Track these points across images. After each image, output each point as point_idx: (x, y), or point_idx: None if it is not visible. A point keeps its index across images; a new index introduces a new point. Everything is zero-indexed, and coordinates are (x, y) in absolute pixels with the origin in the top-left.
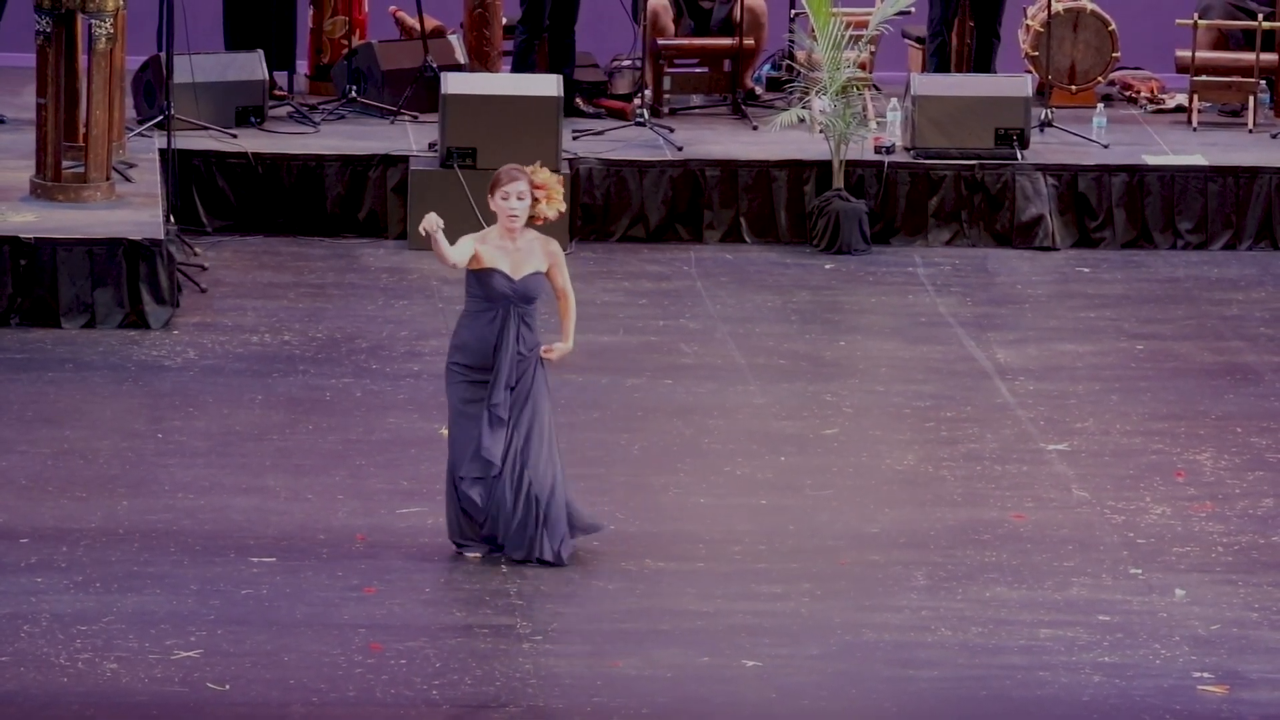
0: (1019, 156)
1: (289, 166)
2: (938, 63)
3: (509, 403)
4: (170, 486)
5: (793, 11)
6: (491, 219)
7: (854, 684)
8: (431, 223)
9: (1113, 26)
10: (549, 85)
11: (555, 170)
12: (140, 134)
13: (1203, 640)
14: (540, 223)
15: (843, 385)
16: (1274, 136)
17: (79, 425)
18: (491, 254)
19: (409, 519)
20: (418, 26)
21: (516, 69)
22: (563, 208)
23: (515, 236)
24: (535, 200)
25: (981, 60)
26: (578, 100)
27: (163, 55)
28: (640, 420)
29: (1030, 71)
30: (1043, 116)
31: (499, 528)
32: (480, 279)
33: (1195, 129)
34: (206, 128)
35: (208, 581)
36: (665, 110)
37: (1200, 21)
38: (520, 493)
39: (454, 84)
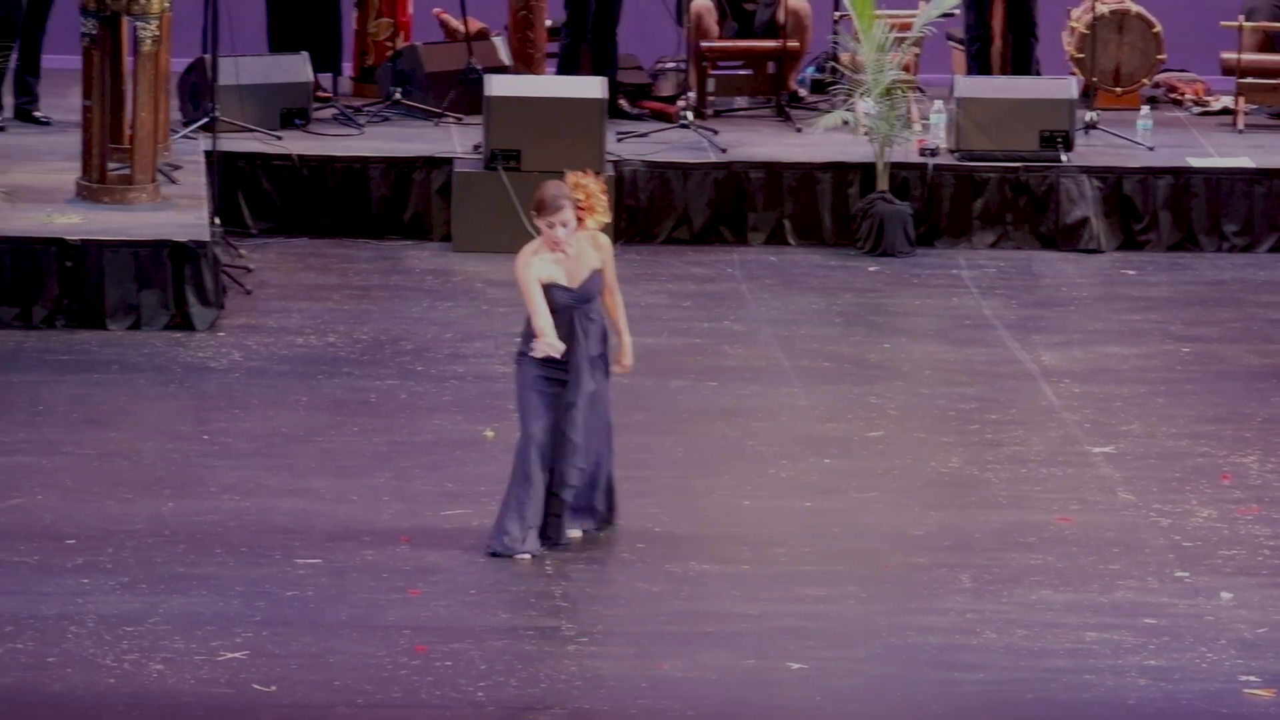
0: (1064, 159)
1: (333, 168)
2: (979, 66)
3: (587, 403)
4: (216, 488)
5: (836, 14)
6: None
7: (899, 687)
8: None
9: (1158, 28)
10: (593, 87)
11: (598, 172)
12: (185, 136)
13: (1249, 643)
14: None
15: (887, 388)
16: None
17: (125, 427)
18: (549, 270)
19: (454, 520)
20: (462, 28)
21: (560, 71)
22: (607, 217)
23: (564, 246)
24: (581, 221)
25: (1021, 62)
26: (621, 102)
27: (208, 57)
28: (684, 423)
29: (1075, 74)
30: (1087, 119)
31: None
32: (546, 295)
33: (1241, 131)
34: (251, 130)
35: (253, 583)
36: (709, 112)
37: (1246, 23)
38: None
39: (498, 86)
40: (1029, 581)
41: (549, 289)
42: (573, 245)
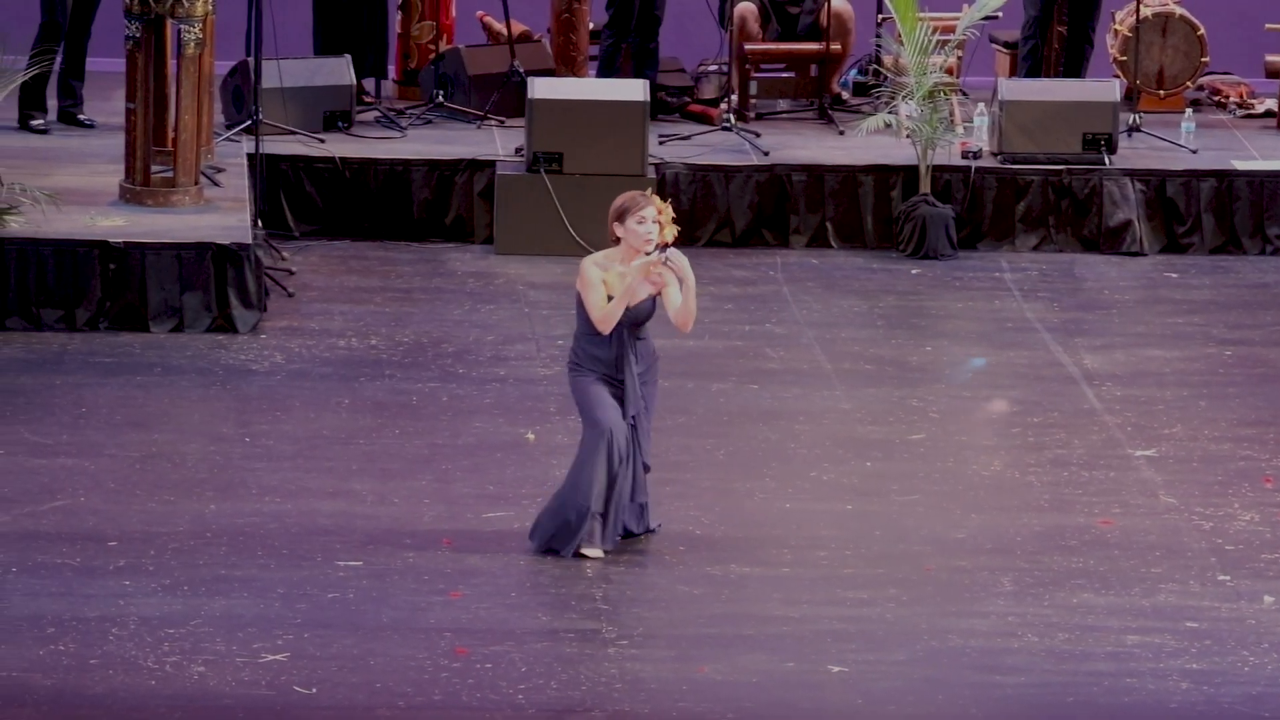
0: (1107, 162)
1: (376, 171)
2: (1030, 66)
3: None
4: (257, 490)
5: (879, 16)
6: (577, 223)
7: (940, 690)
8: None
9: (1201, 31)
10: (635, 90)
11: (640, 174)
12: (228, 139)
13: None
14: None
15: (929, 390)
16: None
17: (167, 429)
18: (613, 280)
19: (495, 523)
20: (504, 31)
21: (602, 73)
22: (678, 230)
23: (639, 259)
24: (662, 226)
25: (1073, 65)
26: (662, 95)
27: (251, 60)
28: (726, 425)
29: (1118, 76)
30: (1131, 121)
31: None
32: (600, 306)
33: None
34: (294, 132)
35: (295, 585)
36: (751, 115)
37: None
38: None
39: (540, 89)
40: (1070, 585)
41: (611, 300)
42: (633, 260)
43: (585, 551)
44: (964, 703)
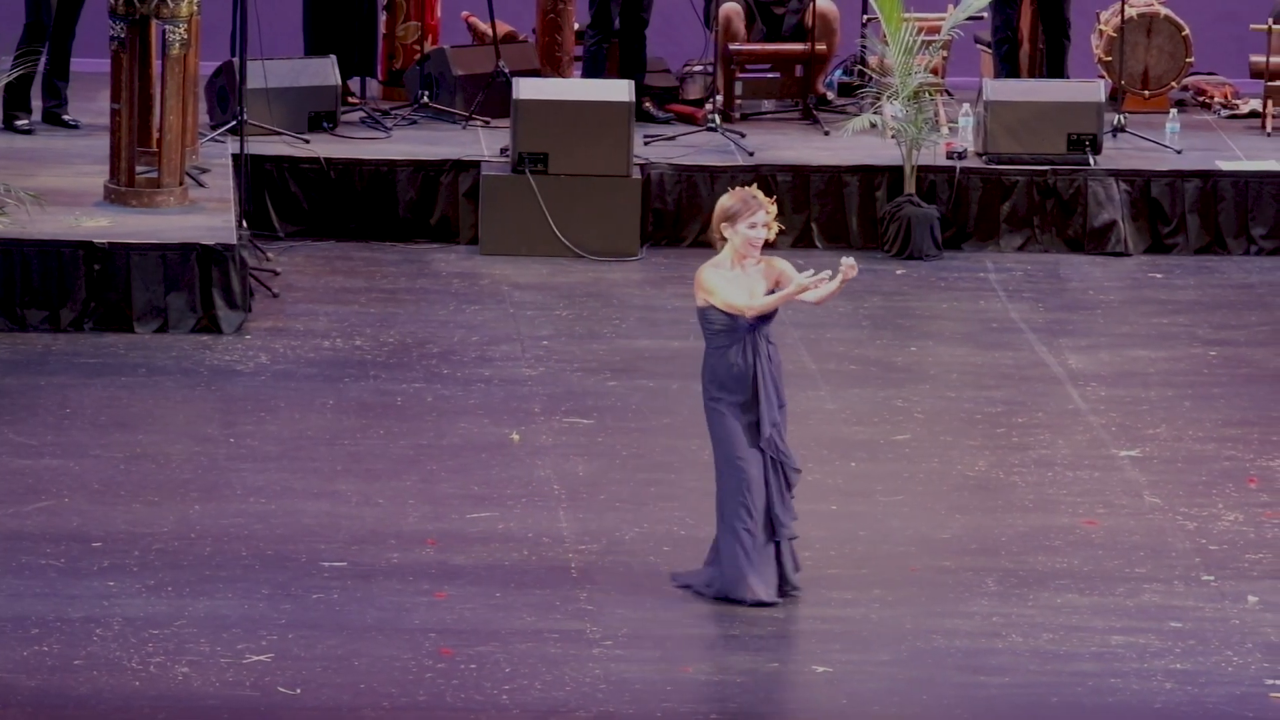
0: (1091, 162)
1: (361, 171)
2: (1008, 69)
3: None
4: (242, 491)
5: (865, 17)
6: (563, 224)
7: (924, 690)
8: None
9: (1186, 31)
10: (620, 90)
11: (625, 174)
12: (213, 139)
13: (1276, 647)
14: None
15: (914, 391)
16: None
17: (151, 430)
18: (732, 290)
19: (480, 524)
20: (490, 32)
21: (587, 74)
22: (780, 228)
23: (745, 264)
24: (769, 225)
25: (1054, 63)
26: (648, 105)
27: (236, 60)
28: None
29: (1103, 77)
30: (1115, 122)
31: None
32: (726, 315)
33: (1269, 134)
34: (279, 133)
35: (279, 585)
36: (737, 115)
37: (1275, 26)
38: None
39: (526, 89)
40: (1055, 585)
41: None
42: (749, 263)
43: (761, 596)
44: (948, 703)
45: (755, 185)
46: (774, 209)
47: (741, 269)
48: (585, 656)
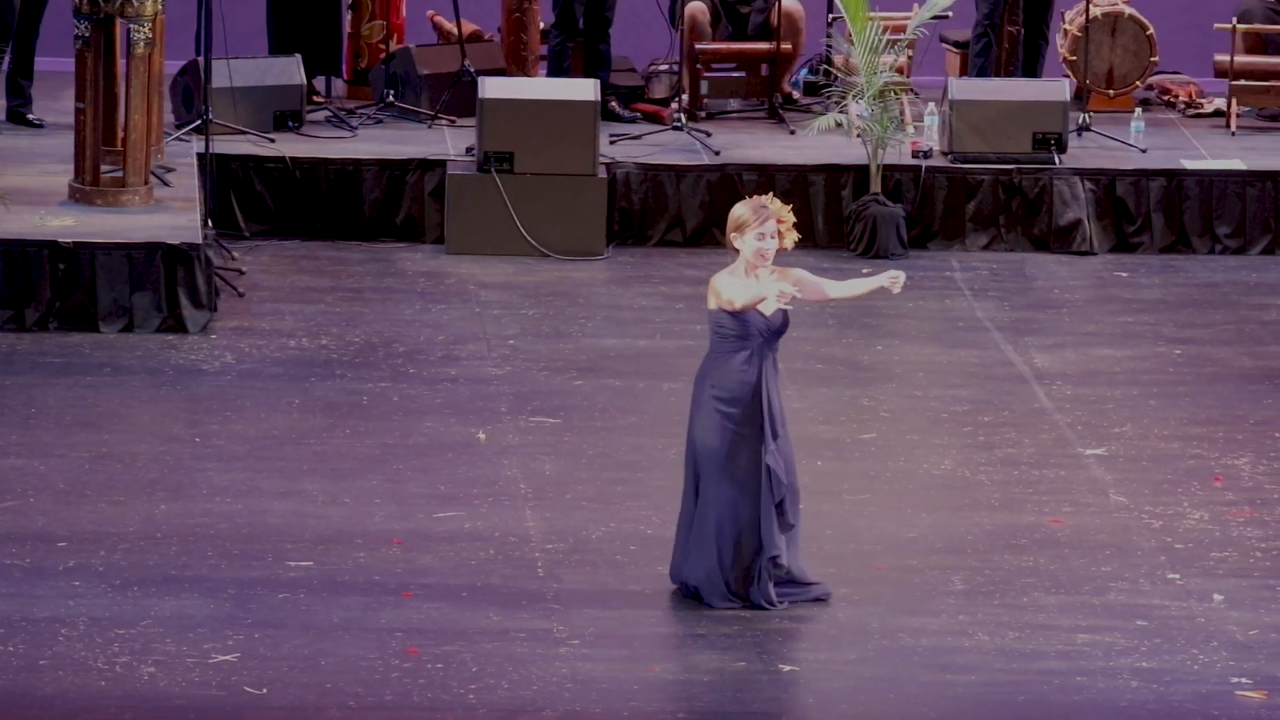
0: (1057, 161)
1: (326, 171)
2: (982, 64)
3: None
4: (208, 490)
5: (830, 16)
6: (528, 223)
7: (891, 689)
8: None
9: (1151, 31)
10: (586, 89)
11: (591, 174)
12: (178, 138)
13: (1241, 645)
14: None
15: (880, 390)
16: None
17: (117, 429)
18: (744, 294)
19: (446, 523)
20: (455, 31)
21: (553, 73)
22: (798, 237)
23: (758, 273)
24: (781, 235)
25: (1029, 63)
26: (613, 104)
27: (201, 60)
28: (678, 425)
29: (1068, 76)
30: (1080, 121)
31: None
32: (737, 317)
33: (1234, 133)
34: (244, 132)
35: (245, 585)
36: (702, 115)
37: (1239, 26)
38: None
39: (491, 88)
40: (1021, 584)
41: (750, 314)
42: (764, 272)
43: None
44: (915, 701)
45: (771, 195)
46: (790, 217)
47: (755, 278)
48: (552, 656)
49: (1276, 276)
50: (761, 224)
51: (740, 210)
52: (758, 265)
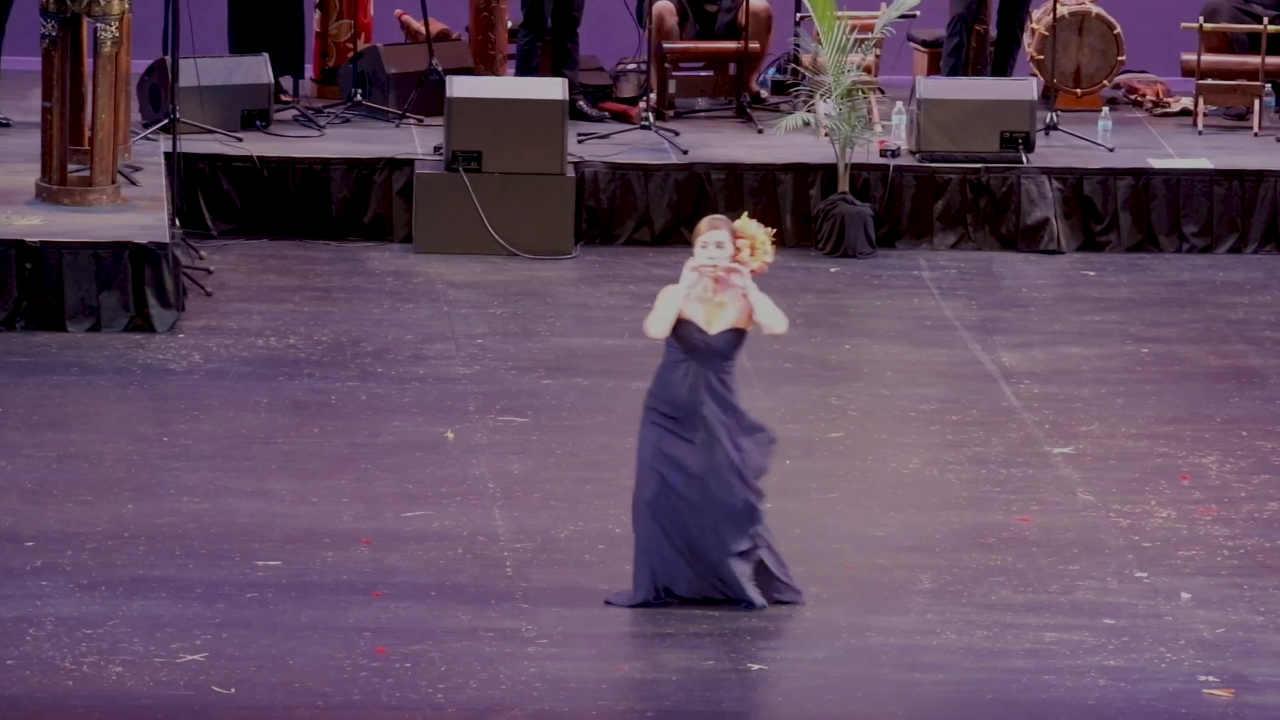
0: (1024, 160)
1: (294, 170)
2: (954, 63)
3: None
4: (176, 490)
5: (798, 15)
6: (496, 222)
7: (859, 687)
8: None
9: (1118, 30)
10: (554, 88)
11: (559, 173)
12: (145, 138)
13: (1208, 644)
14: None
15: (848, 389)
16: (1279, 140)
17: (84, 429)
18: (691, 305)
19: (414, 522)
20: (423, 30)
21: (520, 72)
22: (769, 258)
23: (719, 289)
24: (738, 249)
25: (1001, 62)
26: (581, 103)
27: (168, 59)
28: None
29: (1035, 75)
30: (1048, 120)
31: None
32: (675, 329)
33: (1201, 132)
34: (212, 131)
35: (213, 585)
36: (670, 114)
37: (1206, 25)
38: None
39: (459, 87)
40: (989, 582)
41: (684, 325)
42: (726, 291)
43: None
44: (883, 700)
45: (746, 214)
46: (764, 237)
47: (713, 294)
48: (520, 655)
49: (1243, 275)
50: (709, 231)
51: (700, 221)
52: (713, 278)
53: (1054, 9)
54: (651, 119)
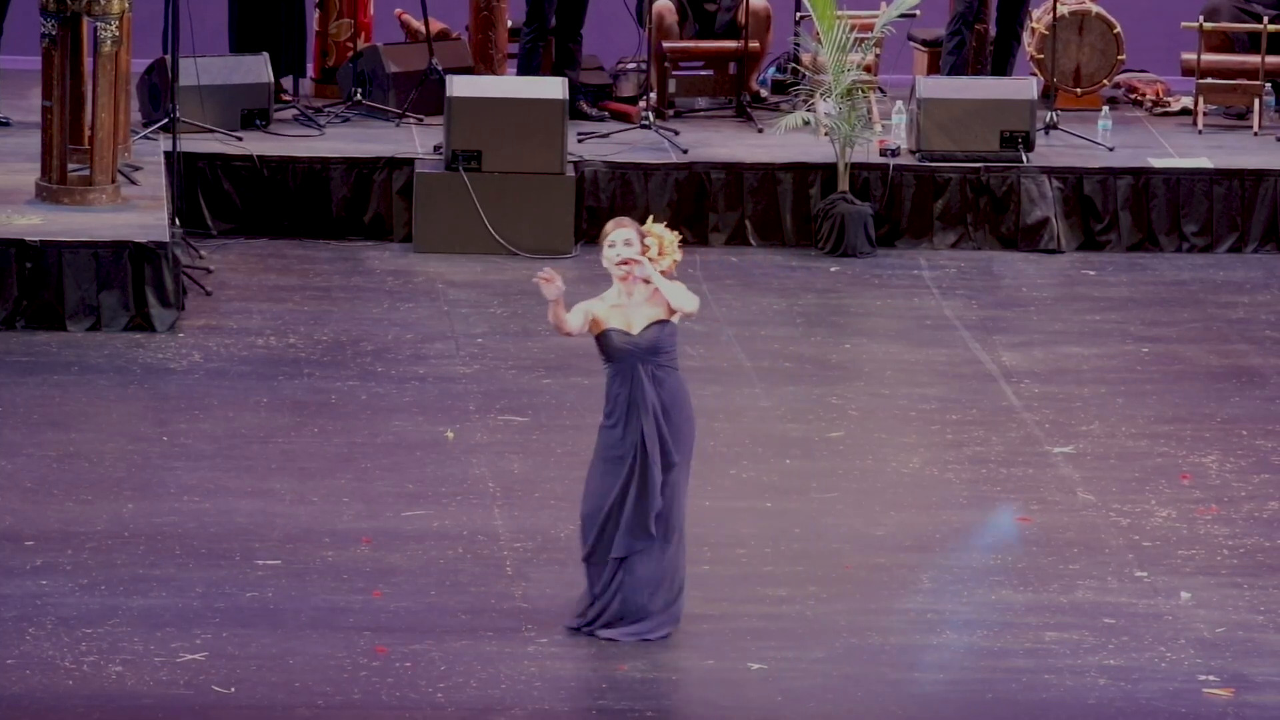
0: (1024, 159)
1: (294, 169)
2: (955, 62)
3: (660, 473)
4: (176, 489)
5: (798, 14)
6: (496, 222)
7: (859, 687)
8: (551, 291)
9: (1118, 29)
10: (554, 88)
11: (559, 172)
12: (145, 137)
13: (1208, 643)
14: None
15: (848, 388)
16: (1279, 139)
17: (84, 428)
18: (606, 313)
19: (414, 522)
20: (423, 29)
21: (521, 71)
22: (677, 257)
23: (630, 290)
24: (645, 248)
25: (1001, 61)
26: (582, 103)
27: (168, 58)
28: None
29: (1035, 74)
30: (1048, 119)
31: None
32: (600, 342)
33: (1200, 132)
34: (212, 130)
35: (213, 584)
36: (670, 113)
37: (1206, 24)
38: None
39: (459, 87)
40: (989, 581)
41: (607, 334)
42: (639, 290)
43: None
44: (883, 700)
45: (651, 219)
46: (671, 239)
47: (628, 296)
48: (520, 654)
49: (1243, 274)
50: (614, 230)
51: (606, 223)
52: (619, 277)
53: (1054, 8)
54: (651, 118)
